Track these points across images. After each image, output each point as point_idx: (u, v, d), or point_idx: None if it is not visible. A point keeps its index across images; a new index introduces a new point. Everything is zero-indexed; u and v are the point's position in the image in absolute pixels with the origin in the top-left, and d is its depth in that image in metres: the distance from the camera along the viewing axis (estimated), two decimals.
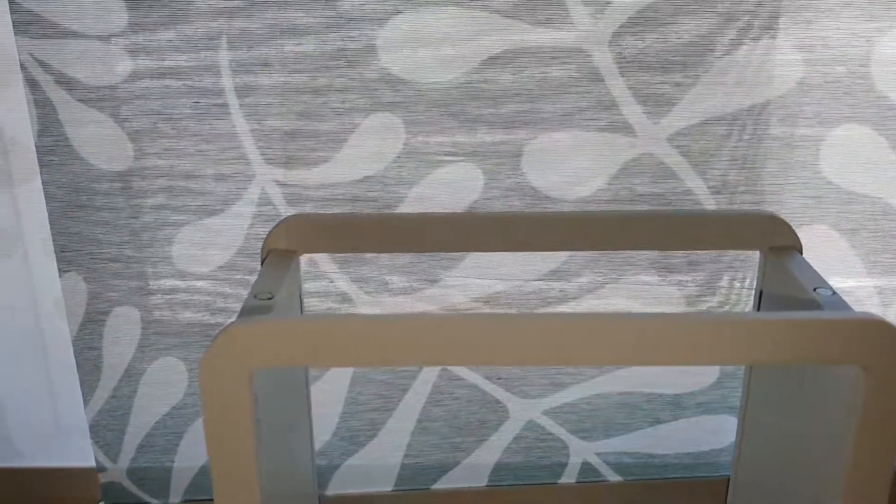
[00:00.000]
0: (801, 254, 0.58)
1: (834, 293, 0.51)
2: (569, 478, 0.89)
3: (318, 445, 0.86)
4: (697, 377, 0.85)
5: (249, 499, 0.44)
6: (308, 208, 0.77)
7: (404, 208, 0.78)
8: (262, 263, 0.58)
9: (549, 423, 0.87)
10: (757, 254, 0.61)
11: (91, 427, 0.84)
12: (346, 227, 0.60)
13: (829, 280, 0.80)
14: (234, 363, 0.44)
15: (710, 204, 0.78)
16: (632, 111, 0.76)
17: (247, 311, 0.49)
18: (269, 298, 0.51)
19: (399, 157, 0.76)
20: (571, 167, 0.77)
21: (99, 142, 0.75)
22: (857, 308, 0.81)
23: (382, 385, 0.84)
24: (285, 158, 0.76)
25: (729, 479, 0.80)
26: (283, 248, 0.58)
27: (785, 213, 0.79)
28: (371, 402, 0.84)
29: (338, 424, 0.85)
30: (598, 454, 0.88)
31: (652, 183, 0.78)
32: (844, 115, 0.76)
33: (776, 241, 0.58)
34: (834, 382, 0.49)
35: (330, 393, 0.83)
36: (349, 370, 0.83)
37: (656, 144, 0.77)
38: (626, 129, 0.76)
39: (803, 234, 0.79)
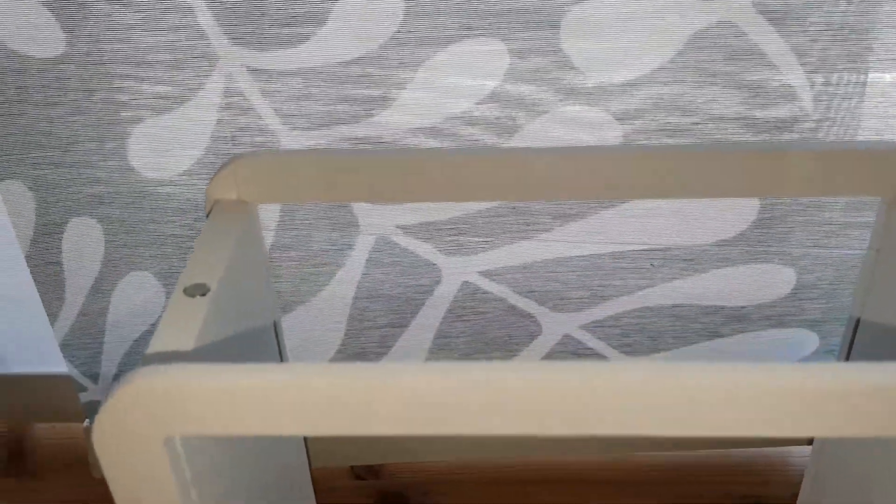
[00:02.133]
0: None
1: None
2: None
3: None
4: (765, 290, 0.71)
5: None
6: (284, 100, 0.61)
7: (407, 95, 0.61)
8: (207, 217, 0.44)
9: (587, 338, 0.75)
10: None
11: (63, 346, 0.73)
12: (323, 167, 0.45)
13: None
14: (139, 432, 0.31)
15: (801, 85, 0.61)
16: None
17: (166, 328, 0.35)
18: (204, 294, 0.38)
19: (399, 31, 0.59)
20: (625, 40, 0.60)
21: (18, 23, 0.58)
22: None
23: (391, 300, 0.71)
24: (255, 37, 0.59)
25: None
26: (232, 198, 0.44)
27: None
28: (379, 319, 0.72)
29: (342, 342, 0.74)
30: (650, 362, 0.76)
31: (726, 60, 0.60)
32: None
33: None
34: None
35: (328, 313, 0.71)
36: (351, 285, 0.70)
37: (738, 10, 0.58)
38: None
39: None
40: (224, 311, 0.38)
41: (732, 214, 0.67)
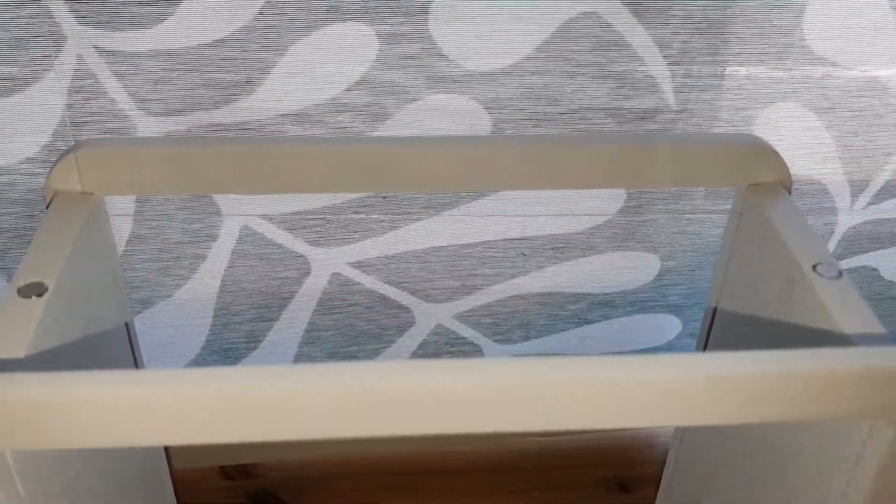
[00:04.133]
0: (790, 193, 0.44)
1: (840, 274, 0.37)
2: None
3: (185, 361, 0.72)
4: (631, 277, 0.73)
5: None
6: (140, 84, 0.58)
7: (272, 81, 0.59)
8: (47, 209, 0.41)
9: (460, 327, 0.74)
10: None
11: None
12: (178, 156, 0.42)
13: (797, 166, 0.67)
14: None
15: (663, 77, 0.62)
16: None
17: None
18: (40, 295, 0.35)
19: (262, 13, 0.57)
20: (494, 29, 0.59)
21: None
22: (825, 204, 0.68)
23: (259, 293, 0.69)
24: (105, 16, 0.56)
25: None
26: (74, 189, 0.41)
27: (752, 87, 0.63)
28: (246, 313, 0.70)
29: (207, 338, 0.71)
30: (516, 357, 0.77)
31: (593, 50, 0.61)
32: None
33: (758, 176, 0.44)
34: None
35: (192, 308, 0.68)
36: (215, 278, 0.67)
37: (602, 0, 0.59)
38: None
39: (771, 114, 0.65)
40: (65, 312, 0.36)
41: (599, 203, 0.68)
